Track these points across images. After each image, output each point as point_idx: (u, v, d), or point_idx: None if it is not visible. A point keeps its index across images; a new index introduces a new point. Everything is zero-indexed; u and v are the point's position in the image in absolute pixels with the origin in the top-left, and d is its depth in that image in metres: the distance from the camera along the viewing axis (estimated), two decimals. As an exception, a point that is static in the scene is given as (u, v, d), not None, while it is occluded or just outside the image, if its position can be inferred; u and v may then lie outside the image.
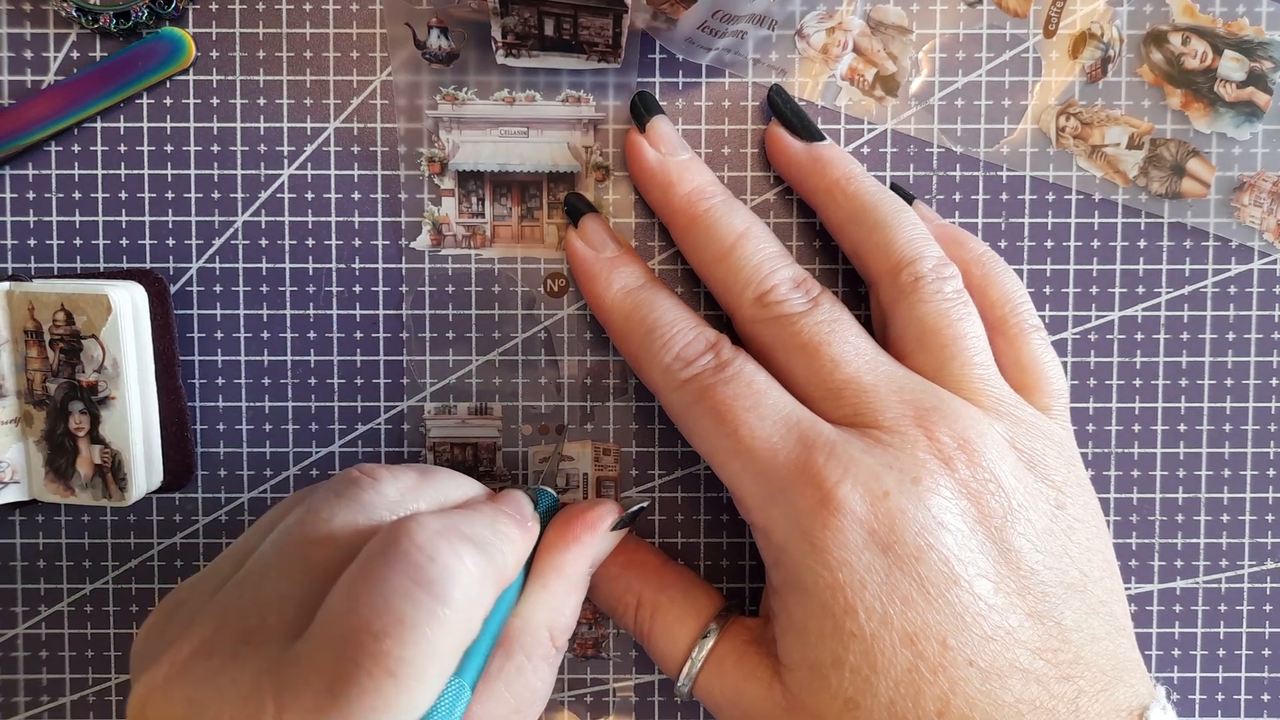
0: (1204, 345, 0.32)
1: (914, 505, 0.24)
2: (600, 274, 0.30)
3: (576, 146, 0.31)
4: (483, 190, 0.31)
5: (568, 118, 0.31)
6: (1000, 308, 0.28)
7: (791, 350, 0.27)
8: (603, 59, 0.29)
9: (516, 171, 0.31)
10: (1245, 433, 0.32)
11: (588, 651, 0.33)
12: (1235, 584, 0.32)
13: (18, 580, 0.32)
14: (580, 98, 0.31)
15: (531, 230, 0.31)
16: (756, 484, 0.25)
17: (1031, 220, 0.32)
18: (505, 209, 0.31)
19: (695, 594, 0.29)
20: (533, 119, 0.31)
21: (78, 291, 0.29)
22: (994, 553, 0.24)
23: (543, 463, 0.32)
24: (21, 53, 0.31)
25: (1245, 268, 0.32)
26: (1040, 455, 0.26)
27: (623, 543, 0.30)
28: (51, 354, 0.29)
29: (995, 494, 0.25)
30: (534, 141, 0.31)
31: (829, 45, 0.32)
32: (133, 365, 0.29)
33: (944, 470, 0.25)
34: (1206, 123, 0.32)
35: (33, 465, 0.29)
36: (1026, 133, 0.32)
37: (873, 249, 0.28)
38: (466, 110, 0.31)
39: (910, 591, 0.23)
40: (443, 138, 0.31)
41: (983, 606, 0.24)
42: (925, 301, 0.27)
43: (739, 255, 0.28)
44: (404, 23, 0.30)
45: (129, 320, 0.29)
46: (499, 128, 0.31)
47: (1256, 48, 0.32)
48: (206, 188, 0.32)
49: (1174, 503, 0.32)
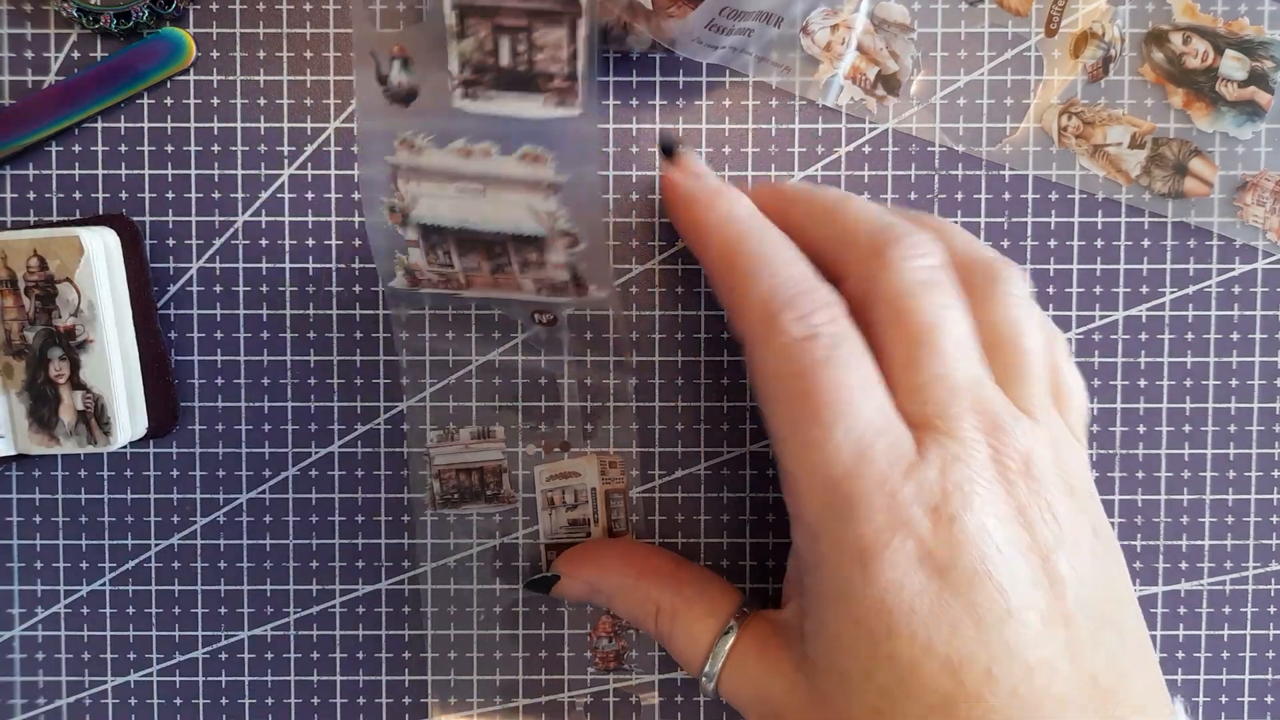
0: (1208, 345, 0.32)
1: (976, 529, 0.23)
2: (702, 197, 0.27)
3: (538, 211, 0.28)
4: (447, 244, 0.29)
5: (526, 178, 0.28)
6: None
7: (897, 324, 0.25)
8: (561, 100, 0.27)
9: (479, 231, 0.28)
10: (1250, 433, 0.32)
11: (610, 665, 0.32)
12: (1240, 586, 0.32)
13: (15, 582, 0.32)
14: (539, 155, 0.27)
15: (506, 280, 0.29)
16: (826, 487, 0.24)
17: (1035, 219, 0.32)
18: (474, 263, 0.29)
19: (712, 593, 0.29)
20: (489, 176, 0.28)
21: (49, 236, 0.29)
22: (1045, 583, 0.23)
23: (550, 480, 0.32)
24: (22, 53, 0.31)
25: (1249, 267, 0.32)
26: (1079, 479, 0.25)
27: (635, 551, 0.30)
28: (27, 301, 0.29)
29: (1049, 522, 0.24)
30: (493, 201, 0.28)
31: (833, 43, 0.32)
32: (109, 307, 0.29)
33: (1008, 495, 0.24)
34: (1208, 122, 0.32)
35: (16, 418, 0.29)
36: (1029, 132, 0.32)
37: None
38: (423, 160, 0.28)
39: (960, 617, 0.23)
40: (401, 188, 0.28)
41: (1030, 637, 0.23)
42: (1006, 308, 0.26)
43: (855, 210, 0.26)
44: (369, 51, 0.27)
45: (102, 262, 0.29)
46: (455, 182, 0.28)
47: (1257, 47, 0.31)
48: (206, 188, 0.32)
49: (1178, 504, 0.32)
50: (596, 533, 0.32)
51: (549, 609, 0.32)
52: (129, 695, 0.32)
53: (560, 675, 0.32)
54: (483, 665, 0.32)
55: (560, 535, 0.32)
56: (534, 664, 0.32)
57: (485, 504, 0.32)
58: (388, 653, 0.32)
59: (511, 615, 0.32)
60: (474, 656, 0.32)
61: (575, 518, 0.31)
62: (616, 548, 0.31)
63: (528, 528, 0.32)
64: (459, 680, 0.32)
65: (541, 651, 0.32)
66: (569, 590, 0.31)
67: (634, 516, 0.32)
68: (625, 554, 0.31)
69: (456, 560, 0.32)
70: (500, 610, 0.32)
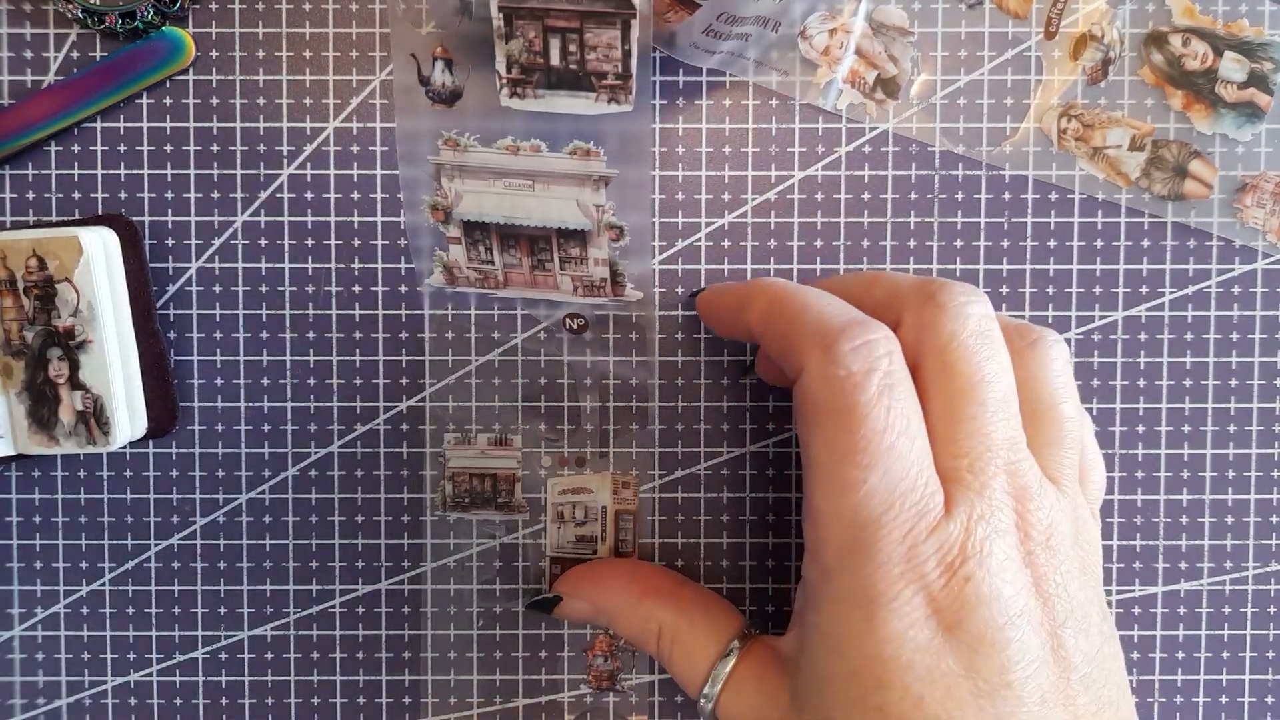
0: (1208, 346, 0.32)
1: (991, 593, 0.22)
2: (744, 286, 0.28)
3: (587, 205, 0.29)
4: (490, 240, 0.30)
5: (576, 173, 0.29)
6: None
7: (944, 373, 0.24)
8: (612, 98, 0.27)
9: (523, 226, 0.29)
10: (1249, 434, 0.32)
11: (604, 684, 0.32)
12: (1239, 586, 0.32)
13: (14, 582, 0.32)
14: (590, 150, 0.28)
15: (545, 278, 0.30)
16: (850, 529, 0.23)
17: (1034, 220, 0.32)
18: (515, 259, 0.30)
19: (715, 615, 0.29)
20: (539, 172, 0.29)
21: (48, 236, 0.29)
22: (1050, 660, 0.23)
23: (561, 494, 0.32)
24: (21, 53, 0.31)
25: (1249, 268, 0.32)
26: (1093, 559, 0.25)
27: (639, 571, 0.30)
28: (26, 301, 0.29)
29: (1063, 597, 0.23)
30: (540, 196, 0.29)
31: (830, 47, 0.32)
32: (108, 307, 0.29)
33: (1026, 564, 0.23)
34: (1208, 124, 0.32)
35: (15, 418, 0.29)
36: (1028, 133, 0.32)
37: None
38: (469, 158, 0.29)
39: (957, 681, 0.22)
40: (444, 185, 0.29)
41: (1025, 713, 0.22)
42: (1050, 372, 0.26)
43: (896, 273, 0.27)
44: (410, 54, 0.28)
45: (101, 262, 0.29)
46: (503, 179, 0.29)
47: (1257, 49, 0.32)
48: (206, 187, 0.31)
49: (1178, 504, 0.32)
50: (603, 551, 0.32)
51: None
52: (129, 695, 0.32)
53: (560, 675, 0.32)
54: (483, 665, 0.32)
55: (566, 550, 0.32)
56: (534, 664, 0.32)
57: (496, 511, 0.32)
58: (388, 653, 0.32)
59: (511, 616, 0.32)
60: (474, 657, 0.32)
61: (583, 534, 0.31)
62: (619, 567, 0.31)
63: (527, 527, 0.32)
64: (459, 680, 0.32)
65: (541, 652, 0.32)
66: (571, 611, 0.30)
67: (641, 539, 0.32)
68: (628, 573, 0.30)
69: (456, 560, 0.32)
70: (500, 611, 0.32)
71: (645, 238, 0.29)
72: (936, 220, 0.32)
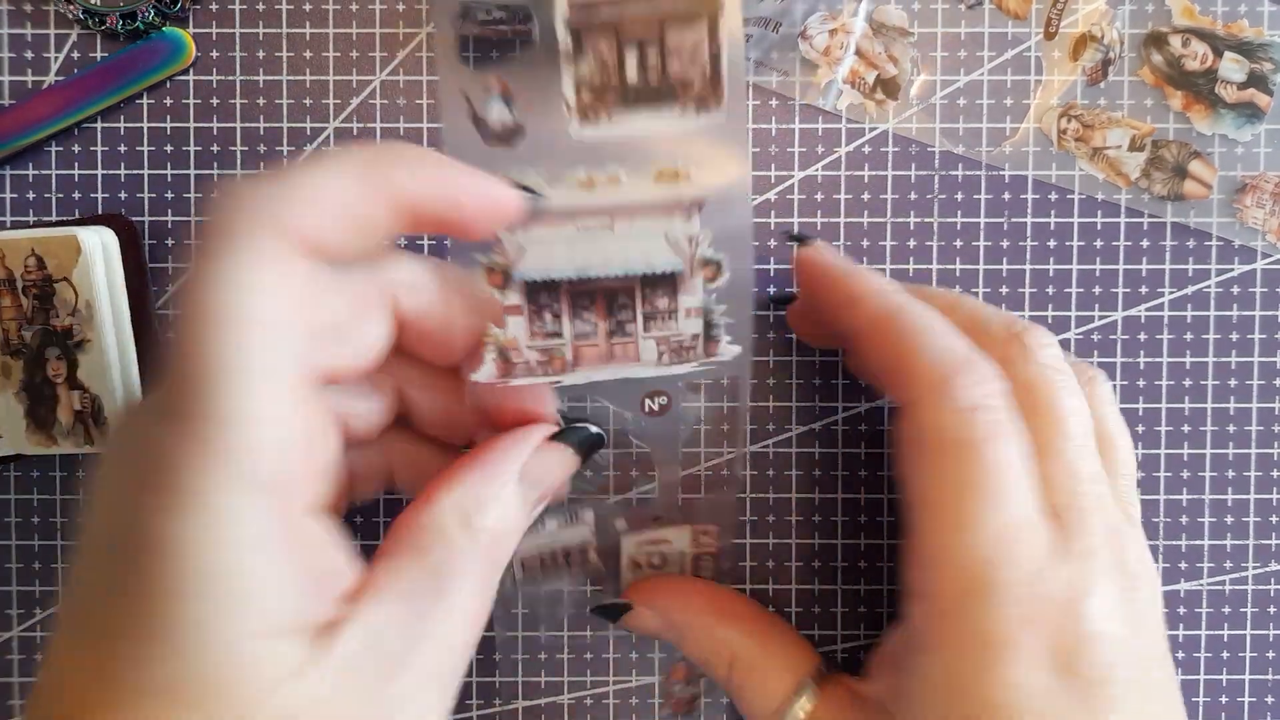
0: (1207, 346, 0.32)
1: (1101, 632, 0.22)
2: (848, 269, 0.27)
3: (677, 238, 0.24)
4: (558, 304, 0.24)
5: (662, 201, 0.24)
6: None
7: (1036, 411, 0.24)
8: (700, 106, 0.23)
9: (600, 278, 0.24)
10: (1249, 434, 0.32)
11: (681, 710, 0.32)
12: (1239, 586, 0.32)
13: (13, 582, 0.32)
14: (677, 171, 0.24)
15: (624, 348, 0.25)
16: (966, 569, 0.23)
17: (1034, 220, 0.32)
18: (589, 325, 0.24)
19: (790, 649, 0.28)
20: (618, 206, 0.24)
21: (47, 235, 0.29)
22: (1150, 690, 0.23)
23: (637, 546, 0.29)
24: (22, 53, 0.31)
25: (1248, 268, 0.32)
26: (1157, 584, 0.26)
27: (717, 592, 0.29)
28: (25, 301, 0.29)
29: (1153, 628, 0.24)
30: (621, 235, 0.24)
31: (831, 47, 0.32)
32: (106, 307, 0.29)
33: (1125, 599, 0.23)
34: (1208, 124, 0.32)
35: (13, 418, 0.29)
36: (1028, 133, 0.32)
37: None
38: (534, 201, 0.24)
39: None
40: (503, 240, 0.24)
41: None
42: (1110, 406, 0.27)
43: (976, 301, 0.27)
44: (460, 91, 0.23)
45: (99, 261, 0.29)
46: (575, 220, 0.24)
47: (1256, 49, 0.32)
48: (206, 188, 0.31)
49: (1177, 504, 0.32)
50: None
51: (548, 610, 0.32)
52: (127, 696, 0.32)
53: (560, 677, 0.32)
54: (482, 666, 0.32)
55: None
56: (533, 665, 0.32)
57: (571, 579, 0.31)
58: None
59: (511, 616, 0.32)
60: (474, 657, 0.32)
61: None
62: (697, 584, 0.30)
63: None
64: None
65: (541, 653, 0.32)
66: (640, 622, 0.29)
67: (724, 581, 0.31)
68: (706, 591, 0.29)
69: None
70: (500, 610, 0.32)
71: (746, 271, 0.24)
72: (936, 220, 0.32)
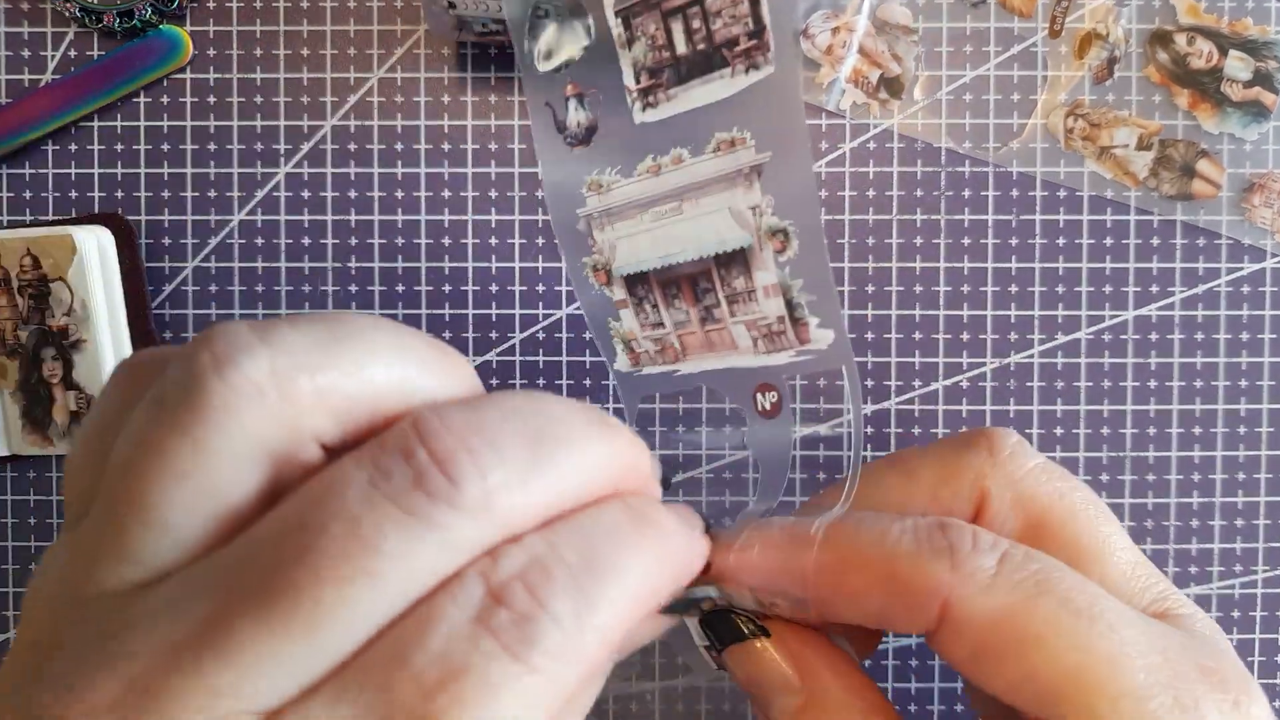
0: (1218, 345, 0.32)
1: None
2: (771, 530, 0.22)
3: (740, 209, 0.23)
4: (653, 294, 0.24)
5: (723, 173, 0.23)
6: None
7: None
8: (749, 64, 0.23)
9: (680, 263, 0.24)
10: (1260, 435, 0.32)
11: None
12: (1249, 589, 0.32)
13: (10, 584, 0.32)
14: (735, 138, 0.23)
15: (719, 335, 0.24)
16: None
17: (1043, 217, 0.32)
18: (682, 312, 0.24)
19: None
20: (685, 187, 0.23)
21: (42, 235, 0.29)
22: None
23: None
24: (19, 51, 0.31)
25: (1258, 266, 0.32)
26: None
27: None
28: (21, 301, 0.29)
29: None
30: (690, 217, 0.24)
31: (834, 46, 0.31)
32: (102, 307, 0.29)
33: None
34: (1214, 123, 0.32)
35: (10, 419, 0.29)
36: (1035, 130, 0.32)
37: None
38: (614, 197, 0.24)
39: None
40: (598, 239, 0.24)
41: None
42: None
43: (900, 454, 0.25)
44: (545, 102, 0.24)
45: (95, 261, 0.29)
46: (649, 209, 0.24)
47: (1261, 47, 0.31)
48: (203, 186, 0.31)
49: (1188, 507, 0.32)
50: None
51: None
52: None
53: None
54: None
55: None
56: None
57: (664, 678, 0.29)
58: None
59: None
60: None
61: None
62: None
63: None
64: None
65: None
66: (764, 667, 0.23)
67: None
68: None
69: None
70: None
71: (817, 239, 0.23)
72: (944, 218, 0.32)
